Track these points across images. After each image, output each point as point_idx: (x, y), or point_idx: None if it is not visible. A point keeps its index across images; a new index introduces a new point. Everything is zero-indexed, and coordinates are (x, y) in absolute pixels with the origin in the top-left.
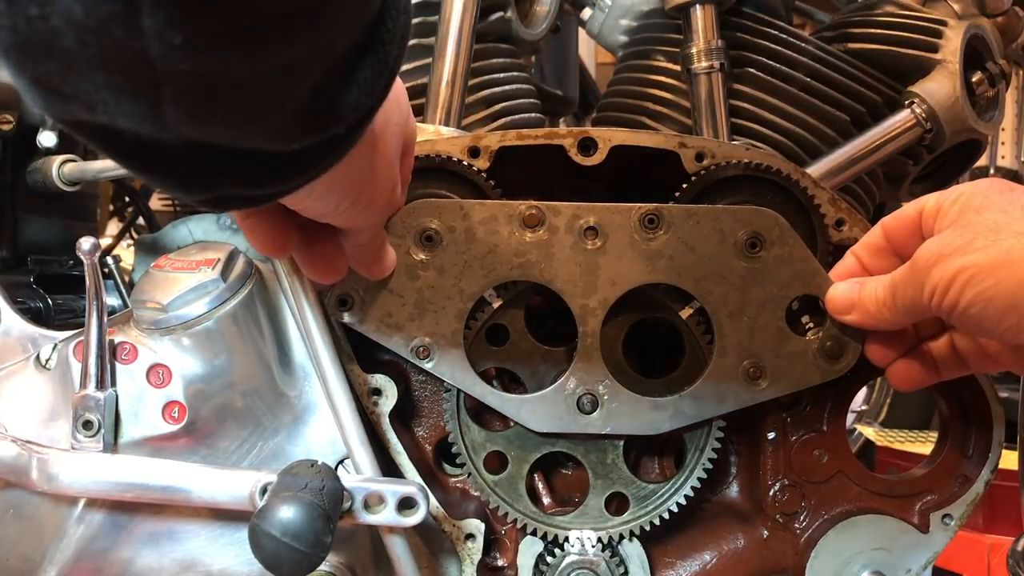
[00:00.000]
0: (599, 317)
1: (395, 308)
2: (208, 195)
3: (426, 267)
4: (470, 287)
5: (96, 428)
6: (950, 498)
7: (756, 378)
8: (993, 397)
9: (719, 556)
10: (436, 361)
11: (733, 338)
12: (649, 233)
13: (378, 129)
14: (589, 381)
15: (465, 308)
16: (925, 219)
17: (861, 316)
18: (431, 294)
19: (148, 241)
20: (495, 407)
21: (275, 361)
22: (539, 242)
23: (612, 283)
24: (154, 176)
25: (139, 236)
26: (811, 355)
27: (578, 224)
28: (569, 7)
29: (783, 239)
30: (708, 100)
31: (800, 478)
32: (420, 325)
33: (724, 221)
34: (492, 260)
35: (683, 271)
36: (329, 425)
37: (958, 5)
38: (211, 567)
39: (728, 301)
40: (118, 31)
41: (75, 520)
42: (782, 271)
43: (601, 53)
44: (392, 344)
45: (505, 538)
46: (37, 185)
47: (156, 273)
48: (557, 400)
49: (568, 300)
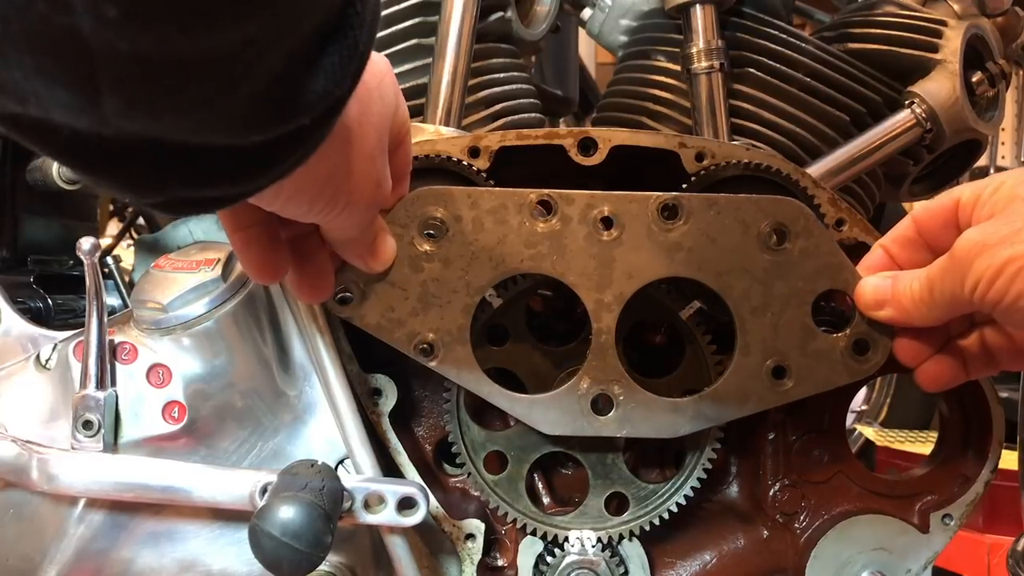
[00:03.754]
0: (614, 312)
1: (397, 302)
2: (159, 197)
3: (431, 258)
4: (477, 280)
5: (96, 428)
6: (950, 498)
7: (781, 378)
8: (993, 397)
9: (719, 556)
10: (441, 359)
11: (756, 335)
12: (667, 224)
13: (352, 121)
14: (604, 381)
15: (472, 303)
16: (962, 209)
17: (895, 312)
18: (436, 287)
19: (148, 241)
20: (503, 408)
21: (275, 361)
22: (551, 233)
23: (628, 276)
24: (97, 177)
25: (139, 236)
26: (838, 353)
27: (592, 214)
28: (569, 7)
29: (808, 231)
30: (708, 100)
31: (800, 478)
32: (424, 320)
33: (747, 211)
34: (501, 251)
35: (704, 264)
36: (329, 425)
37: (958, 5)
38: (211, 567)
39: (751, 296)
40: (42, 3)
41: (75, 520)
42: (808, 264)
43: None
44: (394, 341)
45: (505, 538)
46: (37, 184)
47: (156, 273)
48: (570, 401)
49: (581, 294)
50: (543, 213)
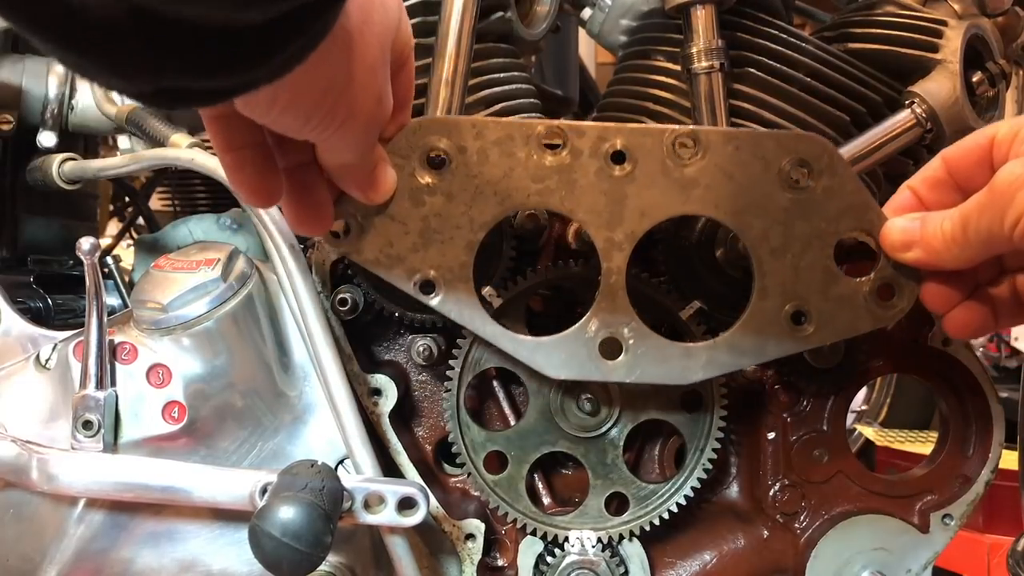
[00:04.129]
0: (625, 252)
1: (397, 237)
2: (151, 85)
3: (433, 192)
4: (481, 215)
5: (96, 428)
6: (950, 498)
7: (800, 323)
8: (993, 397)
9: (719, 556)
10: (442, 297)
11: (775, 278)
12: (683, 159)
13: (354, 27)
14: (613, 323)
15: (476, 239)
16: (998, 145)
17: (924, 253)
18: (438, 222)
19: (148, 241)
20: (507, 351)
21: (275, 361)
22: (560, 167)
23: (641, 214)
24: (87, 57)
25: (139, 236)
26: (862, 298)
27: (604, 147)
28: (569, 7)
29: (833, 168)
30: (708, 100)
31: (800, 478)
32: (425, 257)
33: (767, 147)
34: (507, 186)
35: (720, 202)
36: (329, 425)
37: (958, 5)
38: (211, 567)
39: (770, 237)
40: None
41: (75, 520)
42: (831, 204)
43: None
44: (393, 277)
45: (505, 538)
46: (37, 184)
47: (156, 273)
48: (577, 343)
49: (591, 232)
50: (552, 146)
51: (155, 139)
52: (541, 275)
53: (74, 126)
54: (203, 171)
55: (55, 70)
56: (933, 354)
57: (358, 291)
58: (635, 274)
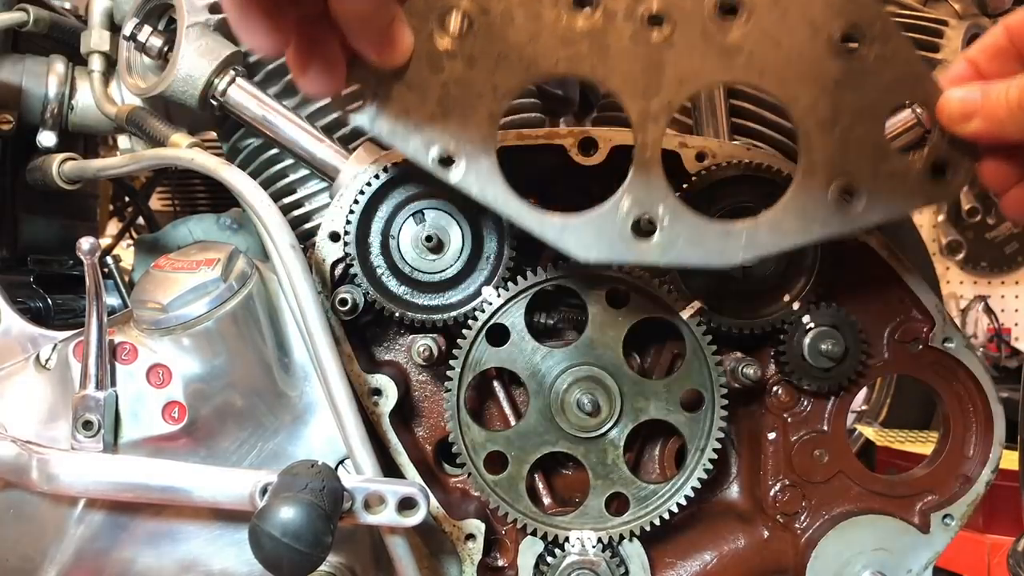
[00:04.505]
0: (661, 124)
1: (414, 106)
2: None
3: (452, 57)
4: (505, 83)
5: (96, 428)
6: (951, 498)
7: (849, 201)
8: (993, 397)
9: (719, 556)
10: (463, 172)
11: (822, 153)
12: (726, 23)
13: None
14: (647, 202)
15: (499, 109)
16: None
17: (986, 123)
18: (458, 90)
19: (148, 241)
20: (531, 231)
21: (275, 361)
22: (592, 30)
23: (679, 82)
24: None
25: (139, 236)
26: (915, 175)
27: (639, 10)
28: None
29: (887, 35)
30: (708, 100)
31: (801, 478)
32: (444, 128)
33: (817, 10)
34: (533, 51)
35: (765, 70)
36: (329, 425)
37: (959, 5)
38: (211, 567)
39: (818, 108)
40: None
41: (75, 520)
42: (884, 74)
43: None
44: (410, 150)
45: (505, 538)
46: (37, 184)
47: (156, 273)
48: (608, 222)
49: (625, 102)
50: (583, 6)
51: (155, 139)
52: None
53: (74, 126)
54: (203, 171)
55: (55, 70)
56: (933, 354)
57: (358, 291)
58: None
